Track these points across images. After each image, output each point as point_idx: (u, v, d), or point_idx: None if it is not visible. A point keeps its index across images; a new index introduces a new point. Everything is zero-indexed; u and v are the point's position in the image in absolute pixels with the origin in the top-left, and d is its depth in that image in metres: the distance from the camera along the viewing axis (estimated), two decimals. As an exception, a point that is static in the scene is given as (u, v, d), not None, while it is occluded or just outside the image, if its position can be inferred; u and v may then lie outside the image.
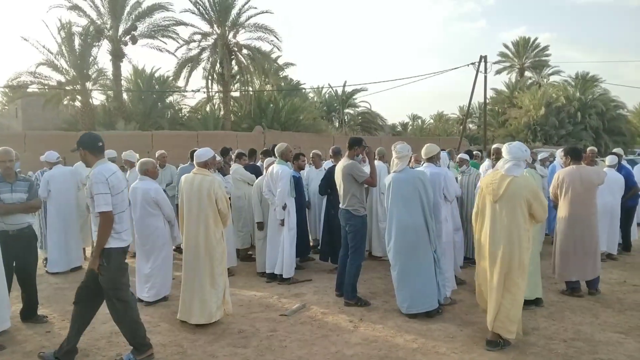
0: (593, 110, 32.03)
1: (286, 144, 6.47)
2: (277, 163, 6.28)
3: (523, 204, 4.00)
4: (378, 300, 5.42)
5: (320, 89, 37.47)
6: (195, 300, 4.66)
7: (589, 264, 5.45)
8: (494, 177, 4.19)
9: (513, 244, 4.00)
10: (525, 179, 4.15)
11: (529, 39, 42.35)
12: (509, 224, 4.02)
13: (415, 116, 64.96)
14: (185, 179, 4.82)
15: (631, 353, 3.95)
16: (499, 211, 4.07)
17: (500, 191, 4.05)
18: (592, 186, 5.50)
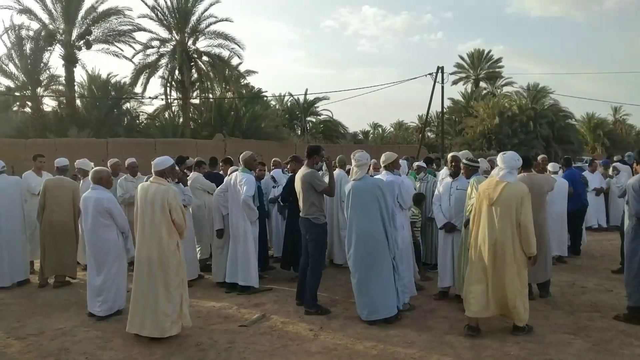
0: (544, 120, 33.52)
1: (251, 153, 6.39)
2: (240, 171, 6.18)
3: (514, 206, 4.41)
4: (339, 308, 5.42)
5: (282, 96, 37.53)
6: (148, 313, 4.48)
7: (540, 267, 5.65)
8: (489, 183, 4.63)
9: (507, 241, 4.42)
10: (517, 185, 4.52)
11: (483, 51, 44.01)
12: (503, 224, 4.43)
13: (376, 124, 66.02)
14: (141, 188, 4.67)
15: (579, 353, 4.11)
16: (495, 214, 4.47)
17: (495, 195, 4.46)
18: (542, 192, 5.72)
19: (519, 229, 4.42)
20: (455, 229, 5.51)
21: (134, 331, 4.54)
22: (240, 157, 6.38)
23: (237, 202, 6.03)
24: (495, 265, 4.46)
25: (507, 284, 4.41)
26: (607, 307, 5.30)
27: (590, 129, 44.99)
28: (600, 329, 4.66)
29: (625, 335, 4.50)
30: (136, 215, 4.66)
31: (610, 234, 9.87)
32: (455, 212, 5.51)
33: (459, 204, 5.46)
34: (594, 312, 5.16)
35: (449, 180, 5.75)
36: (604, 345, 4.27)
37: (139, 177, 7.52)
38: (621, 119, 63.58)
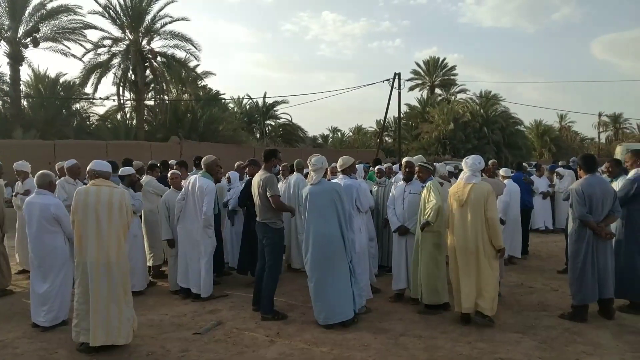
0: (495, 126, 34.92)
1: (214, 157, 6.24)
2: (201, 176, 6.01)
3: (481, 206, 4.85)
4: (295, 313, 5.39)
5: (240, 99, 37.15)
6: (110, 319, 4.28)
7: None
8: (458, 186, 5.08)
9: (478, 238, 4.84)
10: (483, 185, 4.96)
11: (438, 59, 45.36)
12: (474, 222, 4.86)
13: (335, 129, 66.58)
14: (88, 192, 4.39)
15: (527, 351, 4.27)
16: (465, 214, 4.89)
17: (464, 197, 4.90)
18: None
19: (487, 224, 4.82)
20: (408, 232, 5.62)
21: (94, 342, 4.23)
22: (202, 161, 6.22)
23: (195, 207, 5.87)
24: (470, 261, 4.88)
25: (481, 278, 4.83)
26: (553, 306, 5.54)
27: (538, 135, 47.14)
28: (547, 328, 4.86)
29: (569, 332, 4.71)
30: (80, 219, 4.38)
31: (556, 235, 10.36)
32: (409, 216, 5.63)
33: (412, 207, 5.58)
34: (541, 311, 5.38)
35: (402, 184, 5.86)
36: (550, 343, 4.45)
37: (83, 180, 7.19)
38: (566, 126, 67.06)
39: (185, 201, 5.99)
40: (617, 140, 60.46)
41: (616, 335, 4.61)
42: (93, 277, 4.29)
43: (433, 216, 5.17)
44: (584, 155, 5.56)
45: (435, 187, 5.31)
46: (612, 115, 66.73)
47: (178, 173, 6.74)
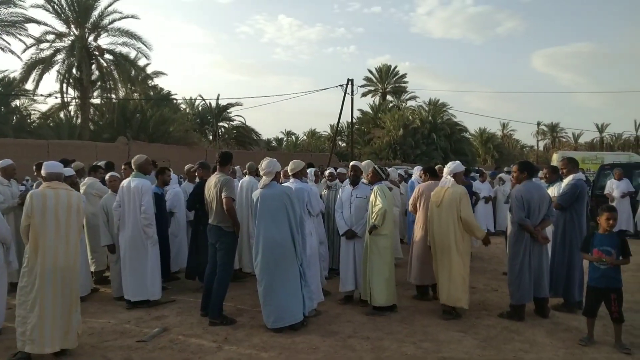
0: (442, 133, 36.17)
1: (146, 156, 6.06)
2: (133, 177, 5.80)
3: (454, 206, 5.31)
4: (245, 317, 5.34)
5: (193, 100, 36.40)
6: (62, 324, 4.16)
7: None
8: (436, 189, 5.60)
9: (452, 236, 5.29)
10: (457, 188, 5.40)
11: (390, 67, 46.46)
12: (447, 221, 5.33)
13: (290, 132, 66.63)
14: (45, 195, 4.18)
15: (468, 349, 4.44)
16: (441, 213, 5.37)
17: (440, 198, 5.40)
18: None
19: (460, 223, 5.27)
20: (355, 236, 5.71)
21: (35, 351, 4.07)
22: (133, 161, 6.00)
23: (134, 211, 5.67)
24: (444, 257, 5.35)
25: (453, 271, 5.25)
26: (493, 306, 5.79)
27: (482, 142, 49.24)
28: (487, 326, 5.07)
29: (508, 331, 4.94)
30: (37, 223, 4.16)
31: (497, 238, 10.81)
32: (356, 220, 5.72)
33: (359, 211, 5.68)
34: (482, 311, 5.61)
35: (349, 188, 5.95)
36: (489, 341, 4.65)
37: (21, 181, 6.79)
38: (508, 134, 70.45)
39: (122, 207, 5.75)
40: (554, 148, 64.18)
41: (550, 332, 4.88)
42: (52, 282, 4.14)
43: (379, 220, 5.29)
44: (521, 162, 5.84)
45: (382, 191, 5.42)
46: (550, 125, 70.84)
47: (117, 175, 6.50)
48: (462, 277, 5.28)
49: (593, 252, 4.47)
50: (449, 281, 5.32)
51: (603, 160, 17.17)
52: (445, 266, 5.36)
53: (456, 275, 5.27)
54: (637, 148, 61.23)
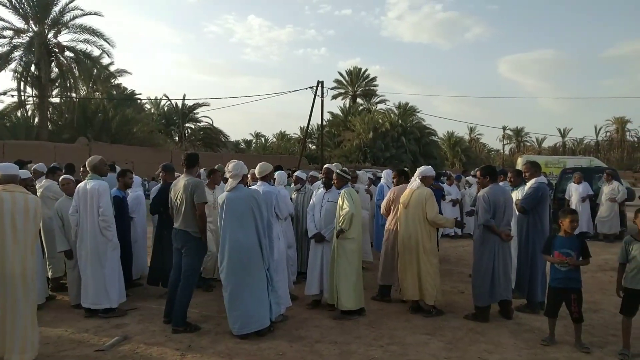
0: (411, 136, 36.65)
1: (100, 157, 5.80)
2: (89, 178, 5.54)
3: (420, 207, 5.51)
4: (210, 324, 5.20)
5: (158, 100, 35.61)
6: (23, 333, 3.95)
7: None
8: (407, 191, 5.78)
9: (419, 235, 5.50)
10: (423, 189, 5.61)
11: (360, 70, 46.80)
12: (413, 222, 5.54)
13: (259, 134, 66.21)
14: (1, 198, 3.95)
15: (435, 352, 4.46)
16: (408, 213, 5.57)
17: (407, 200, 5.59)
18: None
19: (426, 224, 5.49)
20: (324, 240, 5.66)
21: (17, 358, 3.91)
22: (87, 162, 5.75)
23: (92, 214, 5.41)
24: (411, 256, 5.52)
25: (422, 271, 5.45)
26: (459, 308, 5.84)
27: (450, 146, 50.24)
28: (453, 328, 5.11)
29: (473, 332, 4.99)
30: None
31: (464, 240, 11.02)
32: (325, 223, 5.68)
33: (329, 215, 5.64)
34: (449, 313, 5.65)
35: (322, 191, 5.90)
36: (455, 343, 4.68)
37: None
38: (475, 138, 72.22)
39: (79, 212, 5.47)
40: (519, 152, 66.18)
41: (514, 333, 4.96)
42: (11, 289, 3.94)
43: (346, 224, 5.27)
44: (483, 167, 5.94)
45: (350, 194, 5.40)
46: (515, 130, 73.12)
47: (70, 178, 6.23)
48: (429, 274, 5.46)
49: (554, 254, 4.56)
50: (414, 278, 5.48)
51: (565, 164, 17.76)
52: (412, 265, 5.51)
53: (423, 273, 5.44)
54: (597, 152, 63.92)
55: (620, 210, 11.26)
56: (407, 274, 5.58)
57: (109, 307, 5.46)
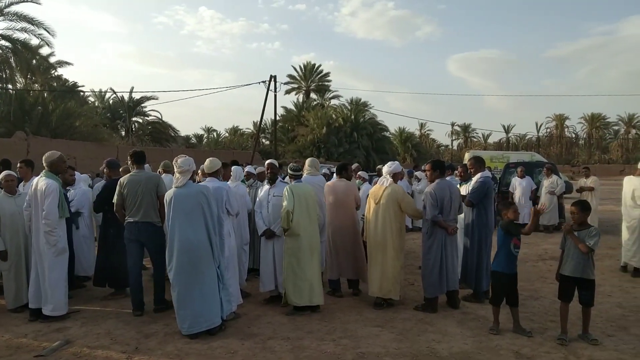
0: (364, 132, 37.09)
1: (60, 153, 5.51)
2: (43, 175, 5.25)
3: (393, 204, 5.60)
4: (158, 325, 5.05)
5: (102, 93, 34.06)
6: None
7: (352, 265, 6.15)
8: (375, 187, 5.92)
9: (387, 231, 5.60)
10: (395, 187, 5.72)
11: (314, 65, 46.80)
12: (384, 219, 5.63)
13: (211, 129, 64.93)
14: None
15: (385, 343, 4.54)
16: (380, 210, 5.62)
17: (379, 197, 5.66)
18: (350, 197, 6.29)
19: (396, 221, 5.63)
20: (274, 235, 5.62)
21: None
22: (44, 158, 5.45)
23: (37, 215, 5.14)
24: (378, 251, 5.66)
25: (387, 265, 5.56)
26: (410, 299, 5.98)
27: (402, 142, 51.29)
28: (403, 320, 5.23)
29: (422, 323, 5.12)
30: None
31: (414, 234, 11.27)
32: (274, 219, 5.64)
33: (276, 210, 5.61)
34: (399, 304, 5.78)
35: (267, 187, 5.84)
36: (405, 334, 4.79)
37: None
38: (426, 134, 74.19)
39: (33, 211, 5.22)
40: (466, 147, 68.62)
41: (461, 322, 5.14)
42: None
43: (283, 222, 5.28)
44: (433, 160, 6.07)
45: (291, 191, 5.35)
46: (463, 126, 75.71)
47: (13, 175, 5.86)
48: (396, 270, 5.57)
49: (513, 240, 4.77)
50: (381, 274, 5.59)
51: (509, 159, 18.59)
52: (379, 260, 5.62)
53: (389, 269, 5.55)
54: (538, 148, 67.36)
55: (559, 202, 11.91)
56: (374, 269, 5.67)
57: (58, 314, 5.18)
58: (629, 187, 7.34)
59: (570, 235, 4.50)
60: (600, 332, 4.73)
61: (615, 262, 7.91)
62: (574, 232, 4.50)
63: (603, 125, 68.95)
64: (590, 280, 4.50)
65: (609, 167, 51.61)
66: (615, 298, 6.02)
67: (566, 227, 4.58)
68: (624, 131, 66.92)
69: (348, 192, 6.26)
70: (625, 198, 7.42)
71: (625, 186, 7.47)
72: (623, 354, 4.23)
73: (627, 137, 65.54)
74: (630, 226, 7.28)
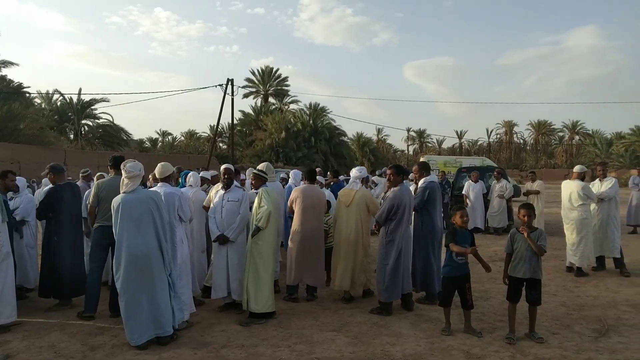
0: (322, 137, 37.28)
1: None
2: None
3: (363, 206, 6.07)
4: (105, 336, 4.84)
5: (50, 95, 32.52)
6: None
7: (314, 272, 6.14)
8: (345, 190, 6.35)
9: (359, 232, 6.05)
10: (363, 191, 6.27)
11: (272, 69, 46.67)
12: (356, 219, 6.06)
13: (166, 132, 63.39)
14: None
15: (340, 347, 4.54)
16: (351, 212, 6.06)
17: (350, 200, 6.09)
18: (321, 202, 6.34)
19: (366, 222, 6.12)
20: (228, 241, 5.53)
21: None
22: None
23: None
24: (350, 248, 6.03)
25: (357, 262, 6.02)
26: (365, 303, 6.02)
27: (359, 146, 51.89)
28: (359, 324, 5.25)
29: (377, 326, 5.17)
30: None
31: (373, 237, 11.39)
32: (227, 224, 5.55)
33: (231, 215, 5.53)
34: (355, 308, 5.82)
35: (221, 192, 5.76)
36: (360, 337, 4.81)
37: None
38: (383, 139, 75.44)
39: None
40: (421, 152, 70.34)
41: (414, 324, 5.22)
42: None
43: (263, 222, 5.24)
44: (395, 165, 6.20)
45: (267, 193, 5.35)
46: (418, 131, 77.62)
47: None
48: (364, 266, 6.09)
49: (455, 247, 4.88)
50: (347, 270, 5.98)
51: (461, 164, 19.15)
52: (351, 257, 6.02)
53: (359, 265, 5.98)
54: (489, 153, 69.94)
55: (508, 205, 12.39)
56: (340, 265, 6.03)
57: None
58: (567, 191, 7.72)
59: (529, 239, 4.66)
60: (546, 331, 4.93)
61: (560, 263, 8.29)
62: (530, 235, 4.66)
63: (549, 131, 72.64)
64: (538, 280, 4.70)
65: (554, 171, 54.27)
66: (559, 297, 6.30)
67: (524, 231, 4.72)
68: (568, 137, 70.71)
69: (318, 198, 6.31)
70: (563, 201, 7.81)
71: (563, 190, 7.86)
72: (566, 350, 4.43)
73: (571, 143, 69.21)
74: (569, 227, 7.66)
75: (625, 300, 6.11)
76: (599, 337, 4.79)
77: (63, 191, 5.95)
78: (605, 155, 50.12)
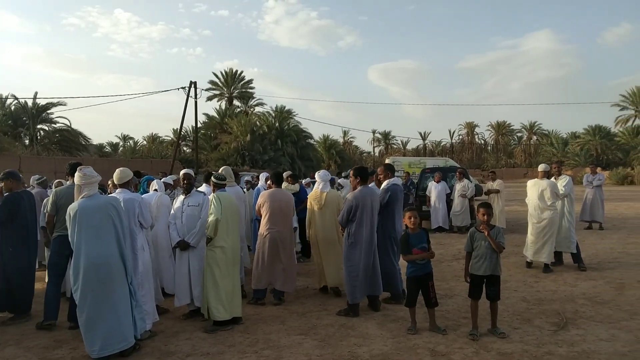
0: (289, 139, 37.22)
1: None
2: None
3: (335, 206, 6.39)
4: (64, 349, 4.65)
5: (3, 99, 31.09)
6: None
7: (282, 276, 6.09)
8: (315, 193, 6.55)
9: (332, 232, 6.35)
10: (333, 193, 6.65)
11: (236, 72, 46.23)
12: (331, 219, 6.36)
13: (127, 136, 61.80)
14: None
15: (308, 351, 4.52)
16: (325, 214, 6.40)
17: (322, 202, 6.39)
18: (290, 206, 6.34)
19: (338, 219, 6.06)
20: (189, 247, 5.42)
21: None
22: None
23: None
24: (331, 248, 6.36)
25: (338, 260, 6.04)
26: (333, 305, 6.02)
27: (326, 149, 52.15)
28: (326, 326, 5.24)
29: (345, 328, 5.17)
30: None
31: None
32: (188, 229, 5.45)
33: (191, 220, 5.44)
34: (322, 311, 5.81)
35: (181, 197, 5.64)
36: (327, 340, 4.81)
37: None
38: (349, 141, 76.04)
39: None
40: (387, 154, 71.25)
41: (381, 325, 5.26)
42: None
43: (210, 230, 5.14)
44: (356, 167, 6.17)
45: (218, 199, 5.24)
46: (384, 133, 78.63)
47: None
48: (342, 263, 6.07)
49: (413, 251, 4.94)
50: (336, 267, 6.22)
51: (425, 164, 19.47)
52: (331, 256, 6.31)
53: (339, 262, 6.05)
54: (452, 153, 71.62)
55: (470, 205, 12.67)
56: (329, 263, 6.32)
57: None
58: (536, 190, 7.71)
59: (489, 237, 4.76)
60: (508, 326, 5.07)
61: (520, 259, 8.54)
62: (490, 233, 4.78)
63: (508, 132, 75.13)
64: (498, 276, 4.83)
65: (513, 170, 56.15)
66: (520, 292, 6.49)
67: (483, 229, 4.82)
68: (527, 137, 73.35)
69: (288, 202, 6.29)
70: (531, 201, 7.80)
71: (530, 189, 7.87)
72: (527, 344, 4.56)
73: (529, 143, 71.77)
74: (539, 226, 7.65)
75: (582, 294, 6.35)
76: (558, 330, 4.96)
77: (21, 199, 5.71)
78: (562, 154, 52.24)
